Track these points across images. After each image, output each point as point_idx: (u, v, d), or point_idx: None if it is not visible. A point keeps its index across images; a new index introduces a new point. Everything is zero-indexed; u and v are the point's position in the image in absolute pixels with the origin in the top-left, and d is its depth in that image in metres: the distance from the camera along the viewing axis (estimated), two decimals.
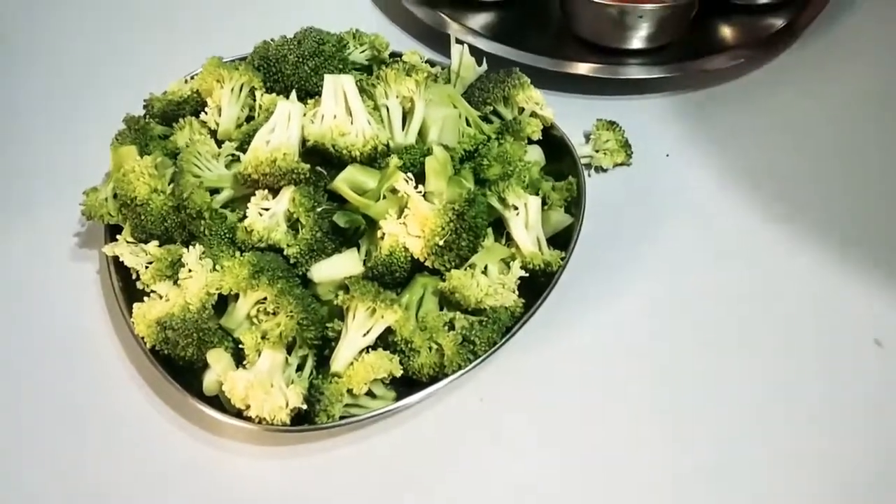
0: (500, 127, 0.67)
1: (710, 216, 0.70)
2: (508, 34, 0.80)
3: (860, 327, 0.65)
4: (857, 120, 0.77)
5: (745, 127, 0.76)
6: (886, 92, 0.79)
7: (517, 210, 0.62)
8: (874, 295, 0.66)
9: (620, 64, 0.77)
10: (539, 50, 0.78)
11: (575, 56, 0.78)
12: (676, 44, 0.79)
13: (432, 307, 0.60)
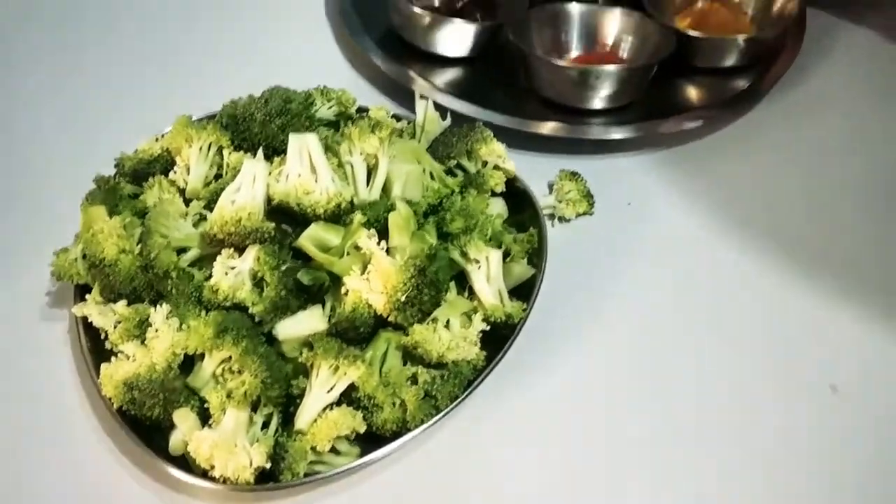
0: (464, 180, 0.69)
1: (671, 264, 0.72)
2: (474, 92, 0.81)
3: (817, 372, 0.66)
4: (819, 174, 0.79)
5: (709, 178, 0.78)
6: (848, 154, 0.81)
7: (479, 263, 0.63)
8: (831, 340, 0.68)
9: (583, 123, 0.78)
10: (503, 108, 0.79)
11: (538, 115, 0.79)
12: (640, 103, 0.81)
13: (396, 362, 0.61)
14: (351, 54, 0.89)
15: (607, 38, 0.83)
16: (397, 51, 0.85)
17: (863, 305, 0.69)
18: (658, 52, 0.80)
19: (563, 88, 0.79)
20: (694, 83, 0.84)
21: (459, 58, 0.85)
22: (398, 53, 0.85)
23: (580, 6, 0.84)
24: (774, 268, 0.71)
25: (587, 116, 0.79)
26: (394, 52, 0.85)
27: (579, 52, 0.84)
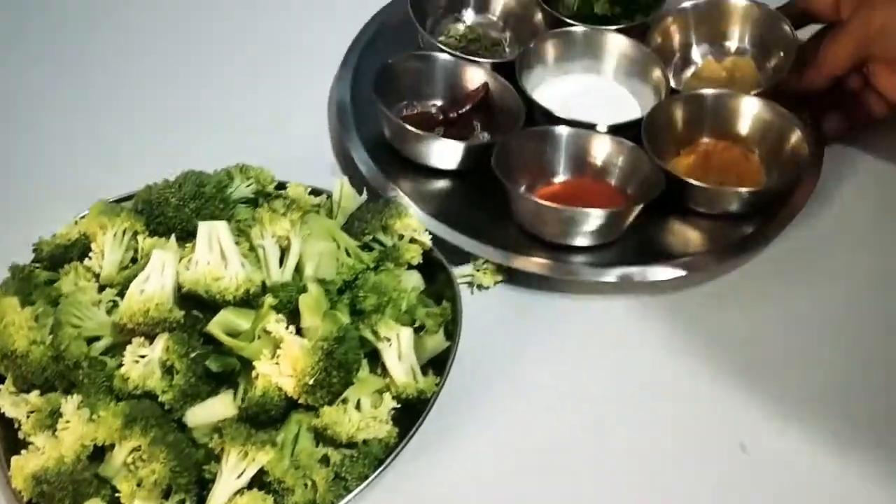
0: (380, 254, 0.70)
1: (586, 329, 0.73)
2: (456, 211, 0.77)
3: (726, 431, 0.68)
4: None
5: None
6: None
7: (390, 341, 0.64)
8: (742, 398, 0.69)
9: (566, 262, 0.74)
10: (482, 233, 0.75)
11: (520, 245, 0.75)
12: (630, 242, 0.75)
13: (307, 444, 0.62)
14: (339, 151, 0.84)
15: (596, 164, 0.79)
16: (385, 156, 0.80)
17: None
18: (647, 190, 0.75)
19: (539, 224, 0.75)
20: (691, 224, 0.78)
21: (450, 170, 0.80)
22: (386, 159, 0.80)
23: (569, 129, 0.79)
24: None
25: (571, 253, 0.75)
26: (382, 157, 0.80)
27: (566, 176, 0.79)
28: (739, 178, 0.79)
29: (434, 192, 0.80)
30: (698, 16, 0.89)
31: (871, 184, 0.83)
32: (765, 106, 0.81)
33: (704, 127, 0.82)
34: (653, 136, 0.79)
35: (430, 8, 0.91)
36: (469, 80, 0.84)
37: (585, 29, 0.87)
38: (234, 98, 0.90)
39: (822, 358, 0.72)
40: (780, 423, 0.68)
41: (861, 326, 0.74)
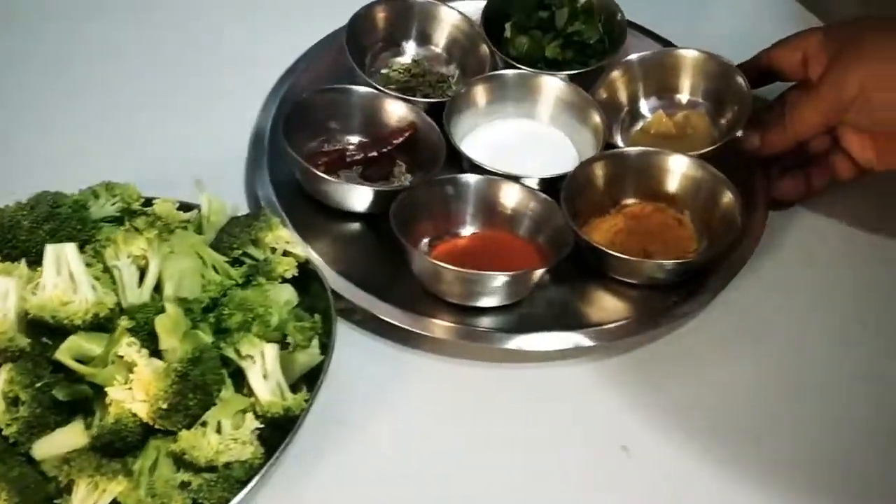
0: (250, 269, 0.68)
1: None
2: (362, 260, 0.73)
3: (608, 433, 0.66)
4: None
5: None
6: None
7: (253, 359, 0.62)
8: (623, 401, 0.68)
9: (472, 325, 0.70)
10: (385, 290, 0.71)
11: (426, 305, 0.71)
12: (546, 305, 0.71)
13: (166, 470, 0.59)
14: (249, 183, 0.80)
15: (507, 215, 0.74)
16: (294, 195, 0.76)
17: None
18: (557, 249, 0.71)
19: (436, 285, 0.70)
20: (610, 290, 0.73)
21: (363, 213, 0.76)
22: (294, 198, 0.76)
23: (477, 178, 0.75)
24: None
25: (474, 314, 0.71)
26: (289, 196, 0.76)
27: (475, 228, 0.75)
28: (669, 243, 0.74)
29: (343, 235, 0.76)
30: (647, 67, 0.84)
31: (811, 245, 0.79)
32: (696, 165, 0.76)
33: (631, 187, 0.77)
34: (574, 195, 0.74)
35: (368, 40, 0.87)
36: (396, 117, 0.80)
37: (521, 72, 0.82)
38: (157, 117, 0.85)
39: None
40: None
41: (776, 389, 0.71)
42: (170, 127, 0.84)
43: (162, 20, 0.92)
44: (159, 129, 0.84)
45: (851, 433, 0.69)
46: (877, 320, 0.74)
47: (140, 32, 0.91)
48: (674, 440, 0.67)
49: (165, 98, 0.86)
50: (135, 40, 0.91)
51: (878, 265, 0.77)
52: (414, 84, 0.86)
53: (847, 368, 0.72)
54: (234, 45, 0.91)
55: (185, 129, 0.84)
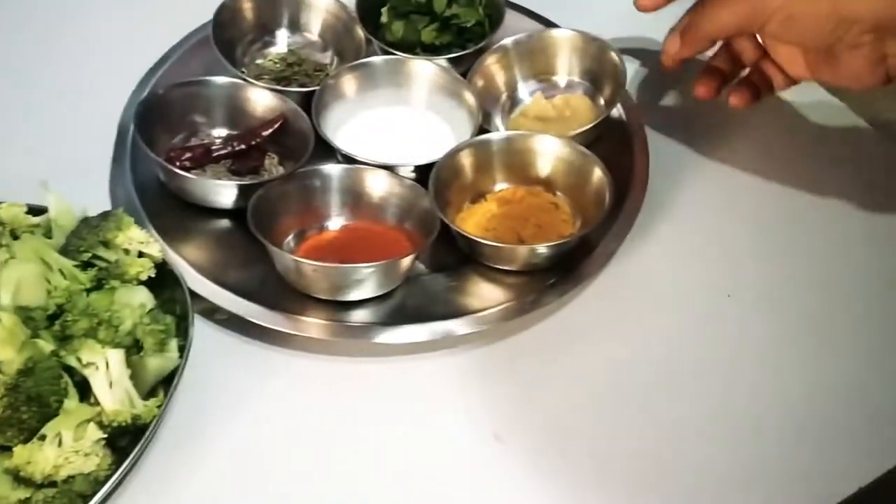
0: (101, 273, 0.65)
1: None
2: (228, 261, 0.70)
3: (482, 422, 0.64)
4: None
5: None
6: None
7: (97, 366, 0.59)
8: (498, 388, 0.66)
9: (344, 322, 0.67)
10: (251, 286, 0.68)
11: (294, 303, 0.68)
12: (419, 296, 0.69)
13: (5, 487, 0.56)
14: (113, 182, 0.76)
15: (373, 203, 0.72)
16: (159, 195, 0.73)
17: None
18: (427, 234, 0.69)
19: (301, 282, 0.68)
20: (484, 277, 0.71)
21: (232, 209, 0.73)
22: (158, 198, 0.73)
23: (341, 168, 0.72)
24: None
25: (352, 308, 0.68)
26: (154, 196, 0.73)
27: (343, 220, 0.72)
28: (544, 227, 0.72)
29: (204, 238, 0.72)
30: (522, 50, 0.82)
31: (689, 219, 0.77)
32: (565, 146, 0.74)
33: (503, 172, 0.75)
34: (444, 184, 0.72)
35: (237, 32, 0.83)
36: (263, 108, 0.77)
37: (391, 58, 0.80)
38: (15, 117, 0.81)
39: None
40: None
41: (658, 365, 0.69)
42: (32, 127, 0.81)
43: (16, 16, 0.89)
44: (19, 129, 0.80)
45: (738, 401, 0.67)
46: (754, 292, 0.73)
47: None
48: (546, 424, 0.65)
49: (26, 97, 0.82)
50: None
51: (757, 237, 0.76)
52: (290, 74, 0.83)
53: (727, 338, 0.70)
54: (100, 40, 0.87)
55: (50, 129, 0.81)
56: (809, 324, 0.71)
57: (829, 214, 0.78)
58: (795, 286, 0.73)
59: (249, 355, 0.68)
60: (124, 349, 0.61)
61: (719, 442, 0.65)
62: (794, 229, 0.77)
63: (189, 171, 0.74)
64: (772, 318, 0.71)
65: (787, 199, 0.79)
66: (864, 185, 0.80)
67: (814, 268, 0.74)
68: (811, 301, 0.72)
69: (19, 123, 0.81)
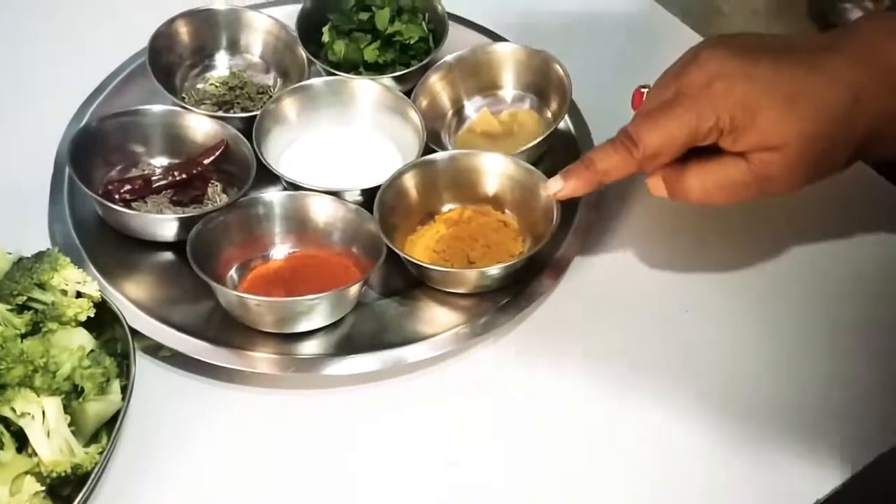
0: (37, 316, 0.63)
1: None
2: (161, 294, 0.68)
3: (435, 448, 0.63)
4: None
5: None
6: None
7: (32, 416, 0.57)
8: (452, 413, 0.65)
9: (292, 354, 0.65)
10: (190, 325, 0.66)
11: (237, 336, 0.66)
12: (368, 322, 0.68)
13: None
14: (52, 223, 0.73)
15: (319, 229, 0.70)
16: (97, 230, 0.71)
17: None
18: (375, 258, 0.67)
19: (247, 316, 0.66)
20: (437, 301, 0.69)
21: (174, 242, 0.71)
22: (96, 233, 0.71)
23: (283, 195, 0.70)
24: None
25: (301, 339, 0.67)
26: (91, 231, 0.71)
27: (288, 247, 0.70)
28: (493, 246, 0.71)
29: (146, 273, 0.70)
30: (465, 66, 0.80)
31: (641, 229, 0.75)
32: (509, 163, 0.72)
33: (449, 192, 0.73)
34: (390, 208, 0.70)
35: (174, 57, 0.81)
36: (202, 135, 0.75)
37: (331, 79, 0.78)
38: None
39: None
40: None
41: (612, 383, 0.67)
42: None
43: None
44: None
45: (701, 408, 0.66)
46: (709, 302, 0.71)
47: None
48: (503, 448, 0.64)
49: None
50: None
51: (709, 245, 0.75)
52: (231, 98, 0.81)
53: (679, 344, 0.69)
54: (33, 70, 0.85)
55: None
56: (768, 330, 0.70)
57: (782, 221, 0.76)
58: (750, 295, 0.72)
59: (196, 392, 0.66)
60: (63, 395, 0.59)
61: (687, 451, 0.64)
62: (747, 238, 0.76)
63: (130, 204, 0.72)
64: (727, 328, 0.70)
65: (739, 208, 0.78)
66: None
67: (769, 276, 0.73)
68: (768, 309, 0.71)
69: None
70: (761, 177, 0.62)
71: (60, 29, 0.89)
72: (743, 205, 0.71)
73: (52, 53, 0.87)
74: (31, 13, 0.90)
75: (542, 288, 0.70)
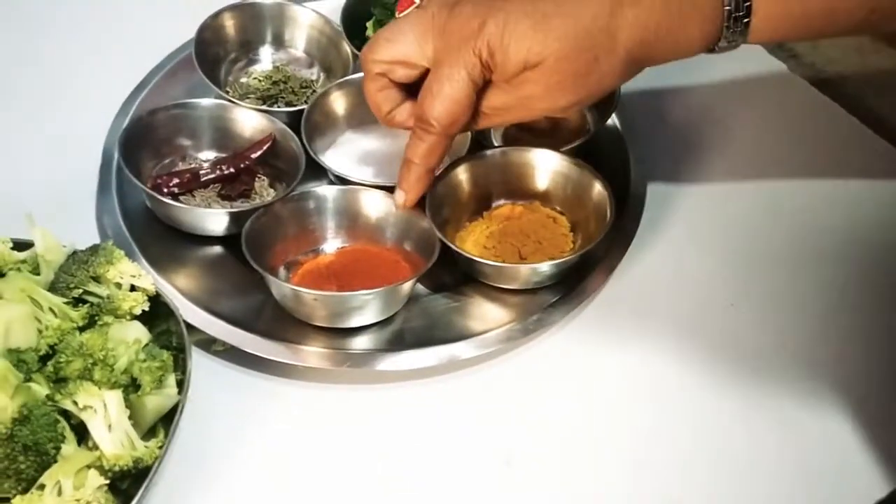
0: (93, 309, 0.63)
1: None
2: (212, 287, 0.68)
3: (490, 446, 0.63)
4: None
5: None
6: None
7: (94, 409, 0.57)
8: (505, 411, 0.65)
9: (343, 349, 0.65)
10: (243, 318, 0.66)
11: (291, 331, 0.66)
12: (420, 320, 0.67)
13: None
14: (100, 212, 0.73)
15: (371, 224, 0.70)
16: (147, 223, 0.71)
17: None
18: (426, 255, 0.66)
19: (300, 310, 0.65)
20: (486, 297, 0.69)
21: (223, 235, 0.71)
22: (147, 226, 0.71)
23: (336, 189, 0.70)
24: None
25: (351, 334, 0.66)
26: (141, 224, 0.71)
27: (340, 242, 0.70)
28: (544, 242, 0.70)
29: (196, 266, 0.70)
30: None
31: (690, 230, 0.76)
32: (562, 160, 0.72)
33: (500, 188, 0.73)
34: (441, 202, 0.70)
35: (220, 50, 0.81)
36: (251, 129, 0.75)
37: None
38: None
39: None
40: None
41: (664, 382, 0.67)
42: (12, 157, 0.78)
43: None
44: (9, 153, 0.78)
45: (747, 411, 0.66)
46: (751, 301, 0.72)
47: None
48: (557, 446, 0.64)
49: (4, 126, 0.80)
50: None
51: (756, 244, 0.75)
52: (276, 92, 0.81)
53: (731, 351, 0.69)
54: (80, 64, 0.85)
55: (32, 158, 0.78)
56: (816, 329, 0.70)
57: (829, 220, 0.77)
58: (797, 293, 0.72)
59: (249, 386, 0.66)
60: (121, 388, 0.59)
61: (730, 455, 0.64)
62: (794, 235, 0.76)
63: (178, 198, 0.72)
64: (774, 326, 0.71)
65: (785, 204, 0.78)
66: (858, 187, 0.80)
67: (817, 272, 0.74)
68: (817, 305, 0.72)
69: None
70: (522, 97, 0.63)
71: (106, 20, 0.89)
72: (793, 199, 0.71)
73: (97, 45, 0.87)
74: (75, 5, 0.90)
75: (592, 286, 0.70)
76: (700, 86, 0.86)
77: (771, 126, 0.85)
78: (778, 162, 0.82)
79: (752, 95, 0.87)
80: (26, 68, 0.84)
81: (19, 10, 0.89)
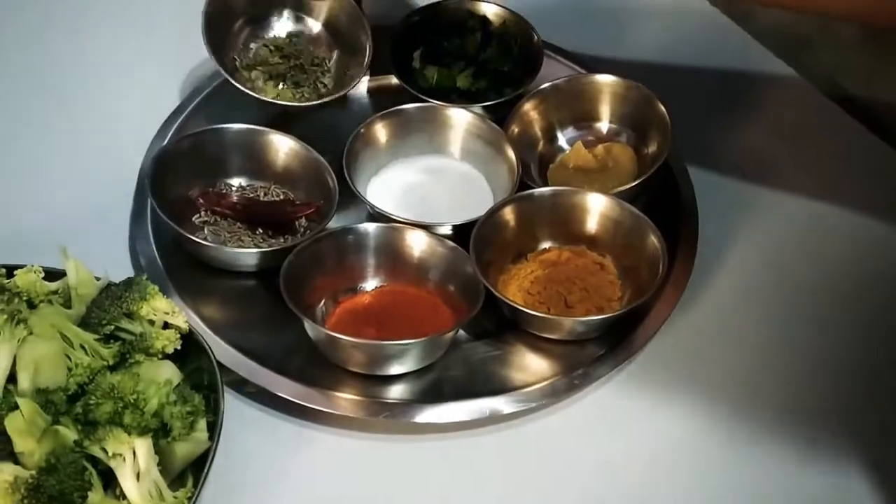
0: (124, 347, 0.60)
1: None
2: (246, 326, 0.66)
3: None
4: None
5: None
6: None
7: (123, 457, 0.55)
8: (546, 467, 0.62)
9: (379, 399, 0.63)
10: (277, 360, 0.64)
11: (325, 376, 0.63)
12: (460, 369, 0.65)
13: None
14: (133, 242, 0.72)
15: (413, 265, 0.68)
16: (182, 257, 0.69)
17: None
18: (470, 300, 0.64)
19: (335, 355, 0.64)
20: (530, 347, 0.66)
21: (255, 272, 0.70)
22: (182, 262, 0.69)
23: (376, 226, 0.68)
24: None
25: (388, 382, 0.64)
26: (178, 259, 0.69)
27: (378, 281, 0.68)
28: (591, 290, 0.68)
29: (230, 303, 0.68)
30: (561, 96, 0.78)
31: (742, 286, 0.72)
32: (614, 205, 0.69)
33: (547, 230, 0.71)
34: (485, 244, 0.67)
35: (230, 34, 0.78)
36: (285, 155, 0.73)
37: (426, 105, 0.75)
38: (29, 174, 0.76)
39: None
40: None
41: (709, 442, 0.64)
42: (47, 181, 0.77)
43: (30, 65, 0.84)
44: (34, 184, 0.76)
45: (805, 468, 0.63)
46: (795, 367, 0.68)
47: (8, 83, 0.83)
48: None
49: (40, 150, 0.78)
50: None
51: (805, 307, 0.72)
52: (284, 69, 0.79)
53: (775, 406, 0.66)
54: (116, 86, 0.83)
55: (66, 182, 0.76)
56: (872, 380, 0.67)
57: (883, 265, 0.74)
58: (851, 359, 0.69)
59: (280, 431, 0.64)
60: (151, 432, 0.57)
61: None
62: (858, 288, 0.73)
63: (205, 225, 0.71)
64: (827, 387, 0.68)
65: (847, 256, 0.75)
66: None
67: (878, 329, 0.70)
68: (875, 361, 0.68)
69: (33, 177, 0.77)
70: None
71: (143, 46, 0.87)
72: (860, 250, 0.68)
73: (135, 70, 0.85)
74: (113, 28, 0.88)
75: (641, 340, 0.67)
76: (754, 130, 0.83)
77: (823, 169, 0.81)
78: (837, 214, 0.78)
79: (806, 138, 0.83)
80: (64, 95, 0.82)
81: (49, 51, 0.86)
